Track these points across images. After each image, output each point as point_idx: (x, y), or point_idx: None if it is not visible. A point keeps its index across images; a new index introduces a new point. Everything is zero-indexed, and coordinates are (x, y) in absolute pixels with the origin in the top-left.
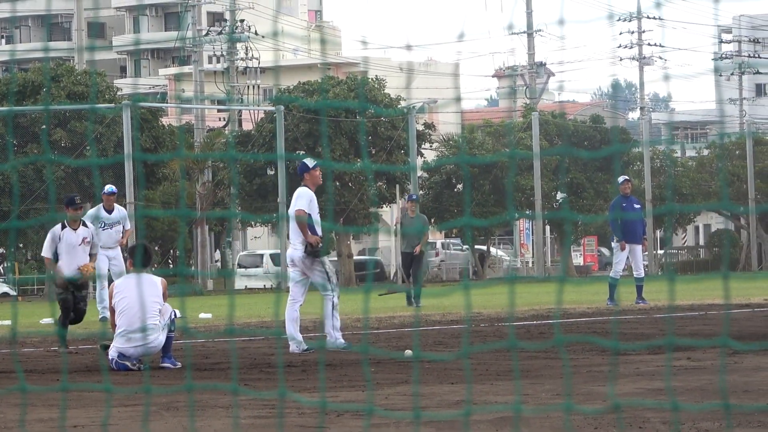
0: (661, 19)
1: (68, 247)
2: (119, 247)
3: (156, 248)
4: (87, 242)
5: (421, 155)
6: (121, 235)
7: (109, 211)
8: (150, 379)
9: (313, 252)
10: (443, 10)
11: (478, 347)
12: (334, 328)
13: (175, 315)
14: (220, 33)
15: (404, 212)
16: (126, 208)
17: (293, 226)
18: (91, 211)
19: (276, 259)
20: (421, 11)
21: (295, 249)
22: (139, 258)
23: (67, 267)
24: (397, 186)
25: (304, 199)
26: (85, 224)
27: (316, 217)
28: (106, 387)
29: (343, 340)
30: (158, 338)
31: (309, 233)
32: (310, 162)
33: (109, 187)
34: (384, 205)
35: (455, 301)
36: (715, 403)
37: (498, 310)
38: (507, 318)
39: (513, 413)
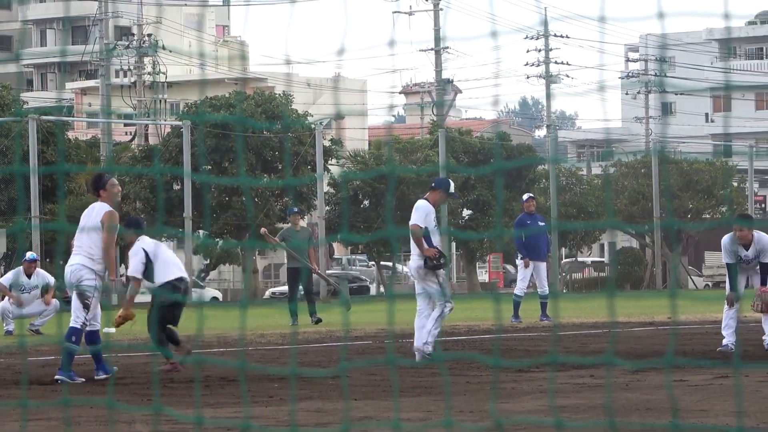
0: (568, 37)
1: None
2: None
3: (61, 263)
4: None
5: (328, 171)
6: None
7: (29, 275)
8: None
9: (434, 265)
10: (351, 26)
11: (353, 363)
12: (430, 335)
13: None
14: (127, 47)
15: (289, 228)
16: (31, 222)
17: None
18: (8, 276)
19: None
20: (329, 27)
21: (413, 259)
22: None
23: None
24: (304, 202)
25: (420, 213)
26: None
27: (432, 227)
28: None
29: (431, 348)
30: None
31: (426, 246)
32: (453, 188)
33: (30, 255)
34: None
35: (360, 318)
36: (599, 421)
37: (404, 326)
38: (412, 334)
39: (392, 430)
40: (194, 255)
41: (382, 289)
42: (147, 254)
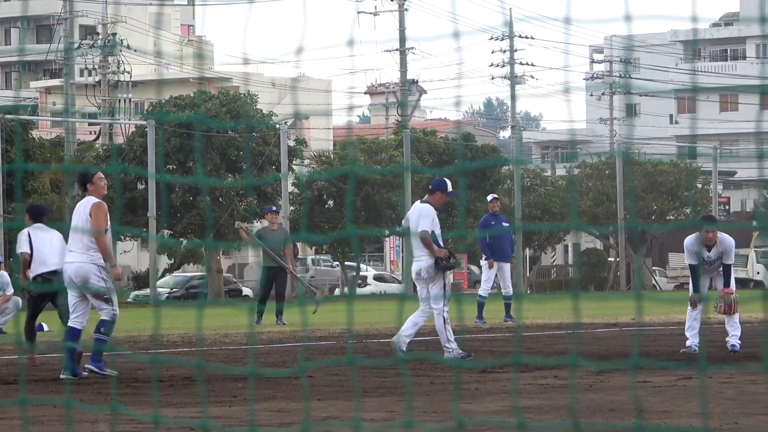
0: (533, 38)
1: None
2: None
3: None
4: None
5: (292, 171)
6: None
7: None
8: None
9: (446, 265)
10: (316, 26)
11: (315, 363)
12: (448, 341)
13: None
14: (92, 46)
15: (265, 227)
16: None
17: (417, 243)
18: None
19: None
20: (294, 28)
21: (419, 260)
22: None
23: None
24: (269, 202)
25: (428, 219)
26: None
27: (438, 231)
28: None
29: (460, 350)
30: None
31: (436, 248)
32: (450, 187)
33: None
34: (255, 221)
35: (325, 318)
36: (563, 422)
37: (367, 326)
38: (375, 335)
39: (354, 431)
40: (158, 255)
41: (346, 289)
42: (30, 240)
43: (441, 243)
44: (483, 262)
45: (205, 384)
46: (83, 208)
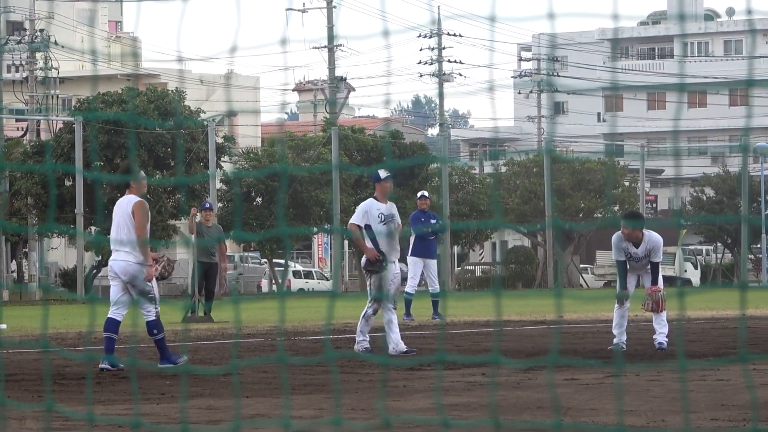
0: (461, 36)
1: None
2: None
3: None
4: None
5: (220, 167)
6: None
7: None
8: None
9: (370, 269)
10: (244, 23)
11: (245, 361)
12: (360, 333)
13: None
14: (19, 42)
15: (200, 222)
16: None
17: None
18: None
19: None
20: (222, 24)
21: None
22: None
23: None
24: (197, 199)
25: (358, 213)
26: None
27: (377, 225)
28: None
29: (367, 347)
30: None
31: (366, 247)
32: (382, 173)
33: None
34: (183, 218)
35: (252, 315)
36: (485, 420)
37: (295, 324)
38: (304, 332)
39: (283, 428)
40: (85, 251)
41: (275, 287)
42: None
43: (380, 243)
44: (410, 259)
45: (140, 381)
46: (125, 207)
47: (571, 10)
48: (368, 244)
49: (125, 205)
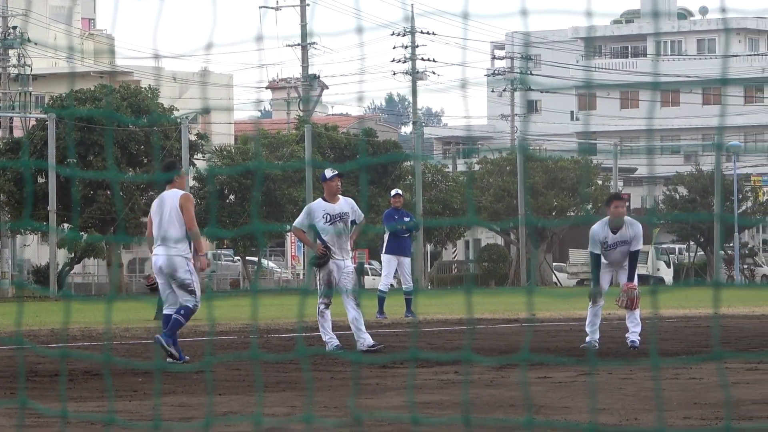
0: (435, 34)
1: None
2: None
3: None
4: None
5: (193, 165)
6: None
7: None
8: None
9: (317, 263)
10: (218, 20)
11: (218, 358)
12: (325, 332)
13: None
14: None
15: None
16: None
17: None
18: None
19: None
20: (196, 21)
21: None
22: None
23: None
24: None
25: (301, 215)
26: None
27: (322, 225)
28: None
29: (335, 343)
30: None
31: (311, 244)
32: (328, 172)
33: None
34: None
35: (225, 313)
36: (455, 417)
37: (268, 321)
38: (277, 330)
39: (255, 425)
40: (59, 249)
41: (247, 284)
42: None
43: (326, 239)
44: (384, 257)
45: (113, 378)
46: (171, 201)
47: (545, 7)
48: (312, 240)
49: (171, 199)
